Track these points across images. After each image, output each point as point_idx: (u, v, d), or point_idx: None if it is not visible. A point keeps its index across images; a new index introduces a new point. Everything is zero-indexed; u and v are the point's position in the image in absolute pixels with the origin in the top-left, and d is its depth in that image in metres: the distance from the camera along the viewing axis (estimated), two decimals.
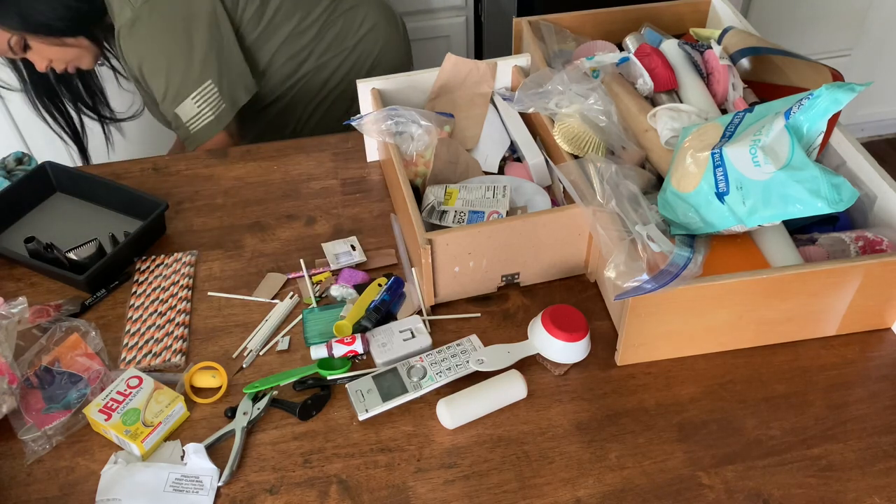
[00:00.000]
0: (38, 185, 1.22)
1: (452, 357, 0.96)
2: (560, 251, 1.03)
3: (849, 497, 0.84)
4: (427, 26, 2.28)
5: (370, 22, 1.55)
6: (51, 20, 1.32)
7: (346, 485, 0.86)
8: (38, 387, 0.95)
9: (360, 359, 0.99)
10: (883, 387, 0.94)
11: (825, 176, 0.85)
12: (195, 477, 0.87)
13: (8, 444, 0.92)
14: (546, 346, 0.95)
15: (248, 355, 1.00)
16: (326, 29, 1.51)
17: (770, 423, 0.91)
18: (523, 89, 1.13)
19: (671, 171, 0.99)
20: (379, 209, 1.21)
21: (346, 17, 1.53)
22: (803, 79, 1.16)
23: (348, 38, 1.54)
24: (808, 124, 0.89)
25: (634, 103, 1.12)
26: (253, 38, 1.45)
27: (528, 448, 0.89)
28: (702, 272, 0.89)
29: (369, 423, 0.92)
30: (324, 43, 1.51)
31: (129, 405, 0.91)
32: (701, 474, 0.86)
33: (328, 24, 1.51)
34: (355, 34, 1.54)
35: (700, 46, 1.20)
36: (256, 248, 1.15)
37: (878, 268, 0.91)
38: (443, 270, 1.00)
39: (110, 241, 1.13)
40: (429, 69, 1.24)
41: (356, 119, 1.15)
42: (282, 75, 1.50)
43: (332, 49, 1.52)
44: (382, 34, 1.57)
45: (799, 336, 0.99)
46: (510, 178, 1.13)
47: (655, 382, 0.95)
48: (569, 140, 1.06)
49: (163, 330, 1.03)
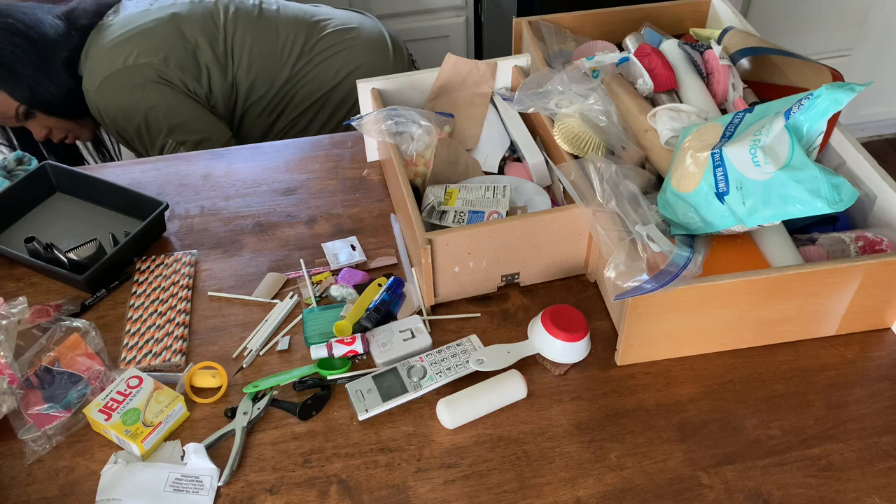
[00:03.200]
0: (38, 185, 1.22)
1: (452, 357, 0.96)
2: (560, 251, 1.04)
3: (849, 497, 0.84)
4: (427, 26, 2.28)
5: (353, 64, 1.55)
6: (56, 100, 1.44)
7: (346, 485, 0.86)
8: (38, 387, 0.95)
9: (360, 359, 0.99)
10: (883, 387, 0.94)
11: (825, 176, 0.85)
12: (195, 477, 0.87)
13: (8, 444, 0.92)
14: (546, 345, 0.95)
15: (248, 355, 1.00)
16: (295, 90, 1.53)
17: (770, 423, 0.91)
18: (523, 89, 1.13)
19: (671, 171, 0.99)
20: (379, 209, 1.21)
21: (321, 68, 1.53)
22: (803, 79, 1.16)
23: (321, 88, 1.54)
24: (808, 124, 0.89)
25: (634, 103, 1.12)
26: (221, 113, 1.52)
27: (528, 448, 0.89)
28: (702, 272, 0.89)
29: (369, 423, 0.92)
30: (294, 101, 1.54)
31: (129, 405, 0.91)
32: (701, 474, 0.86)
33: (297, 84, 1.53)
34: (331, 80, 1.54)
35: (700, 46, 1.20)
36: (256, 248, 1.15)
37: (878, 268, 0.91)
38: (443, 270, 1.00)
39: (110, 241, 1.13)
40: (429, 69, 1.24)
41: (356, 119, 1.15)
42: (258, 129, 1.56)
43: (304, 102, 1.54)
44: (364, 74, 1.54)
45: (799, 336, 0.99)
46: (510, 178, 1.13)
47: (655, 382, 0.95)
48: (569, 140, 1.06)
49: (163, 330, 1.03)
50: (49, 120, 1.48)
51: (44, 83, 1.41)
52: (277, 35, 1.51)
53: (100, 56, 1.41)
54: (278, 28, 1.51)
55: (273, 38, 1.50)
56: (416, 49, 2.25)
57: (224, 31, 1.47)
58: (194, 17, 1.46)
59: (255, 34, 1.49)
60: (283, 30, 1.51)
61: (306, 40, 1.52)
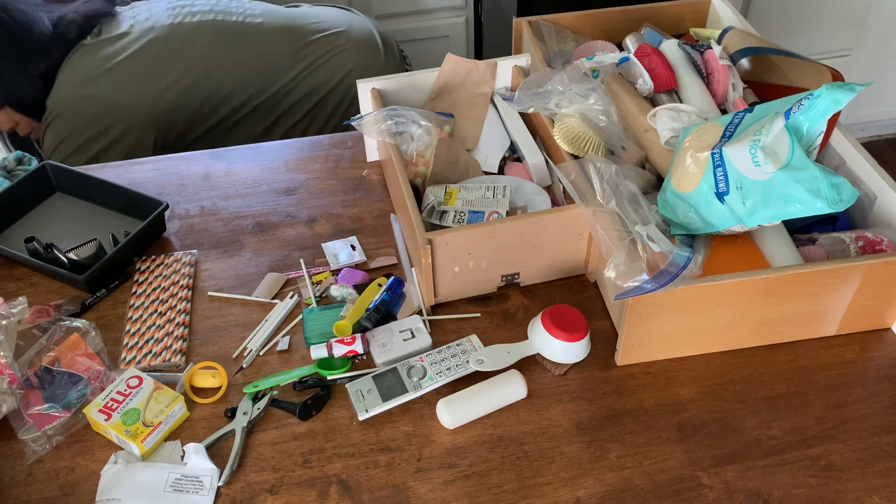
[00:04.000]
0: (38, 185, 1.22)
1: (452, 357, 0.96)
2: (560, 251, 1.03)
3: (849, 497, 0.84)
4: (427, 26, 2.28)
5: (345, 69, 1.55)
6: (28, 101, 1.46)
7: (346, 485, 0.86)
8: (38, 387, 0.95)
9: (360, 359, 0.99)
10: (883, 387, 0.94)
11: (825, 176, 0.85)
12: (195, 477, 0.87)
13: (8, 444, 0.92)
14: (546, 346, 0.95)
15: (248, 355, 1.00)
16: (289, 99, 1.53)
17: (770, 423, 0.91)
18: (523, 89, 1.13)
19: (671, 171, 0.99)
20: (379, 209, 1.21)
21: (314, 76, 1.53)
22: (803, 79, 1.16)
23: (315, 95, 1.54)
24: (808, 124, 0.89)
25: (634, 103, 1.12)
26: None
27: (528, 448, 0.89)
28: (702, 272, 0.89)
29: (369, 423, 0.92)
30: (290, 110, 1.54)
31: (129, 405, 0.91)
32: (701, 474, 0.86)
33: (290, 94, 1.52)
34: (324, 87, 1.54)
35: (700, 46, 1.20)
36: (256, 248, 1.15)
37: (878, 268, 0.91)
38: (443, 270, 1.00)
39: (110, 241, 1.13)
40: (429, 69, 1.24)
41: (356, 119, 1.15)
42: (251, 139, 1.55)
43: (299, 110, 1.54)
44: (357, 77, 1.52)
45: (799, 336, 0.99)
46: (510, 178, 1.13)
47: (655, 382, 0.95)
48: (569, 140, 1.06)
49: (163, 330, 1.03)
50: (17, 115, 1.49)
51: (19, 82, 1.43)
52: (264, 49, 1.50)
53: (71, 77, 1.43)
54: (264, 42, 1.51)
55: (259, 53, 1.50)
56: (416, 49, 2.25)
57: (205, 51, 1.47)
58: (172, 41, 1.46)
59: (240, 51, 1.49)
60: (269, 43, 1.51)
61: (296, 50, 1.52)
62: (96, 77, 1.42)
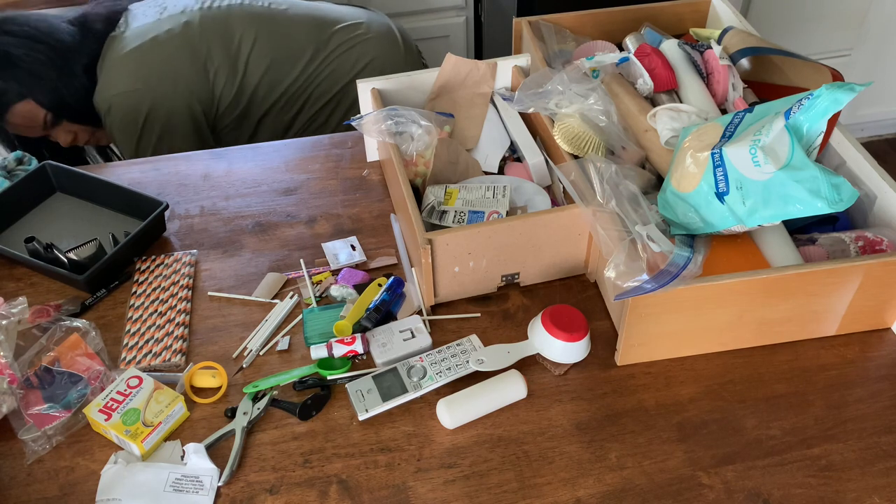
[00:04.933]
0: (38, 185, 1.22)
1: (452, 357, 0.96)
2: (560, 251, 1.04)
3: (849, 497, 0.84)
4: (427, 26, 2.28)
5: (367, 58, 1.56)
6: (80, 105, 1.47)
7: (346, 485, 0.86)
8: (38, 387, 0.95)
9: (360, 359, 0.99)
10: (883, 387, 0.94)
11: (825, 176, 0.85)
12: (195, 477, 0.87)
13: (8, 444, 0.92)
14: (546, 345, 0.95)
15: (248, 355, 1.00)
16: (312, 87, 1.54)
17: (770, 423, 0.91)
18: (523, 89, 1.13)
19: (671, 171, 0.99)
20: (379, 209, 1.21)
21: (336, 63, 1.54)
22: (803, 79, 1.16)
23: (338, 83, 1.56)
24: (808, 124, 0.89)
25: (634, 103, 1.12)
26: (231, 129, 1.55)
27: (528, 448, 0.89)
28: (702, 272, 0.89)
29: (369, 423, 0.92)
30: (312, 98, 1.55)
31: (129, 405, 0.91)
32: (701, 474, 0.86)
33: (313, 82, 1.54)
34: (347, 75, 1.55)
35: (700, 46, 1.20)
36: (256, 248, 1.15)
37: (878, 268, 0.91)
38: (443, 270, 1.00)
39: (110, 241, 1.13)
40: (429, 69, 1.24)
41: (356, 119, 1.15)
42: (278, 126, 1.57)
43: (322, 98, 1.56)
44: (378, 67, 1.56)
45: (799, 336, 0.99)
46: (510, 178, 1.13)
47: (655, 382, 0.95)
48: (569, 140, 1.06)
49: (163, 330, 1.03)
50: (74, 126, 1.52)
51: (68, 88, 1.45)
52: (290, 35, 1.52)
53: (113, 71, 1.44)
54: (290, 28, 1.53)
55: (286, 38, 1.51)
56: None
57: (236, 35, 1.48)
58: (206, 25, 1.48)
59: (269, 37, 1.50)
60: (295, 29, 1.53)
61: (319, 38, 1.53)
62: (134, 64, 1.43)
